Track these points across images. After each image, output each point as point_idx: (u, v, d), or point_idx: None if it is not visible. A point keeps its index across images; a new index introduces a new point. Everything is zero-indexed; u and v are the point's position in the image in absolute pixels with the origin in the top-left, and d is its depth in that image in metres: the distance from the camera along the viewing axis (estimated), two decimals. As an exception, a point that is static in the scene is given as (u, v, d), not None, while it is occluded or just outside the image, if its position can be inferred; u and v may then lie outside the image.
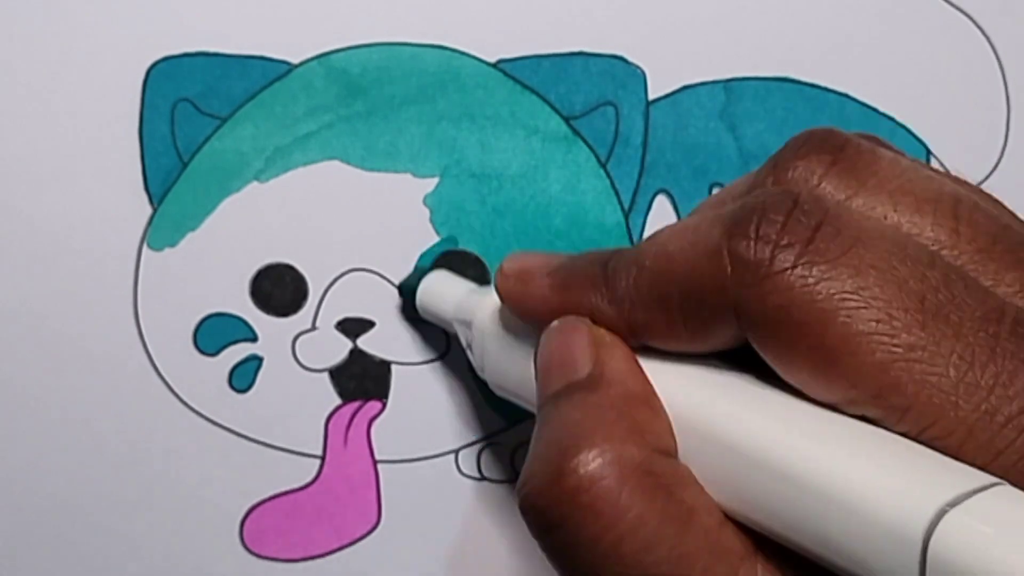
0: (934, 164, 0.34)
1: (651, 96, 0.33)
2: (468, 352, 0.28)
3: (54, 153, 0.31)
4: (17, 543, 0.31)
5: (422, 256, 0.32)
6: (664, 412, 0.21)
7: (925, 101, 0.34)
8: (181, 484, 0.31)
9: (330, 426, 0.32)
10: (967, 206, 0.21)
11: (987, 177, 0.34)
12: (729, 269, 0.20)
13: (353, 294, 0.32)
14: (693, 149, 0.33)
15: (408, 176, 0.32)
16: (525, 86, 0.32)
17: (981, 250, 0.20)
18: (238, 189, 0.31)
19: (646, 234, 0.33)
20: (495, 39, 0.32)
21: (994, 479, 0.17)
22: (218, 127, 0.31)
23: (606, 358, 0.22)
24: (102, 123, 0.31)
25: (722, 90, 0.33)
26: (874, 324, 0.18)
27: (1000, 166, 0.34)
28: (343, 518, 0.32)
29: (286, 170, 0.31)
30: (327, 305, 0.32)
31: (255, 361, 0.32)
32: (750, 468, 0.19)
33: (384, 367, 0.32)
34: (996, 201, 0.22)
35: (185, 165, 0.31)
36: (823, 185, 0.21)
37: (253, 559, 0.32)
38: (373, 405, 0.32)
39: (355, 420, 0.32)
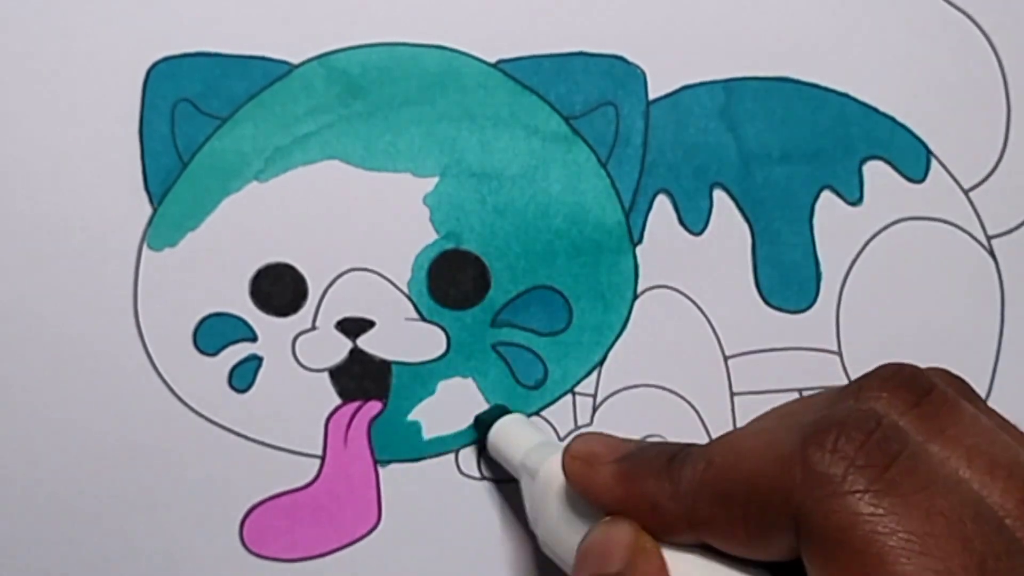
0: (934, 164, 0.34)
1: (651, 96, 0.33)
2: (526, 502, 0.28)
3: (54, 153, 0.31)
4: (17, 543, 0.31)
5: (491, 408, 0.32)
6: None
7: (925, 101, 0.34)
8: (181, 484, 0.31)
9: (330, 426, 0.32)
10: None
11: (987, 177, 0.34)
12: (800, 478, 0.20)
13: (353, 294, 0.32)
14: (693, 149, 0.33)
15: (408, 176, 0.32)
16: (525, 86, 0.32)
17: None
18: (238, 189, 0.31)
19: (647, 234, 0.33)
20: (495, 39, 0.32)
21: None
22: (218, 127, 0.31)
23: (640, 563, 0.22)
24: (102, 123, 0.31)
25: (722, 90, 0.33)
26: (931, 574, 0.18)
27: (1000, 166, 0.34)
28: (343, 518, 0.32)
29: (286, 170, 0.31)
30: (327, 305, 0.32)
31: (255, 361, 0.32)
32: None
33: (384, 367, 0.32)
34: None
35: (185, 165, 0.31)
36: (903, 422, 0.21)
37: (253, 559, 0.32)
38: (373, 405, 0.32)
39: (355, 420, 0.32)
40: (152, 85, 0.31)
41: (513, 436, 0.30)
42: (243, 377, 0.32)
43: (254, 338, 0.32)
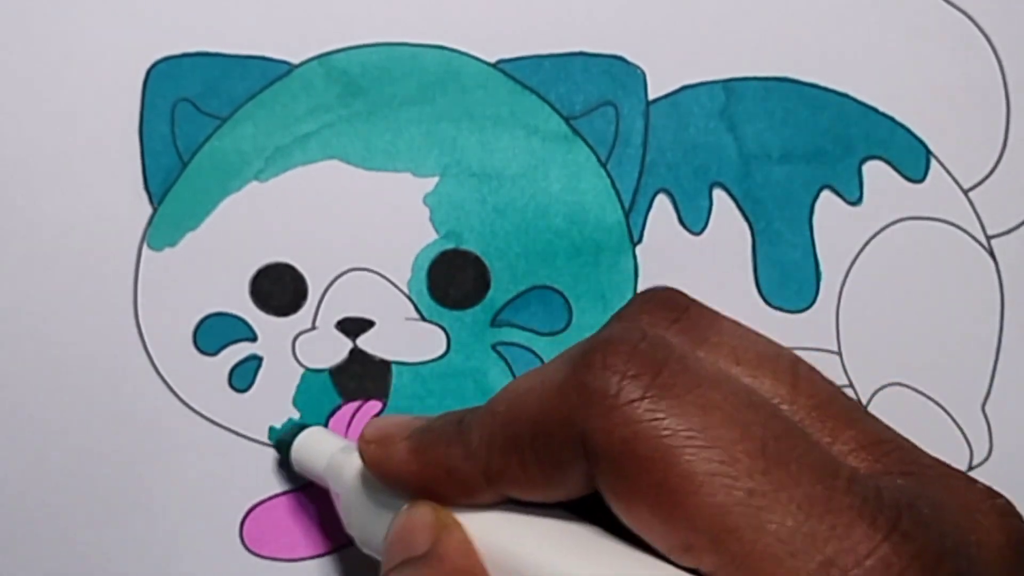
0: (934, 164, 0.34)
1: (651, 96, 0.33)
2: (337, 507, 0.28)
3: (54, 153, 0.31)
4: (17, 543, 0.31)
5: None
6: None
7: (925, 101, 0.34)
8: (181, 484, 0.31)
9: (330, 426, 0.32)
10: (805, 367, 0.21)
11: (987, 177, 0.34)
12: (576, 401, 0.20)
13: (353, 294, 0.32)
14: (693, 149, 0.33)
15: (408, 175, 0.32)
16: (525, 86, 0.32)
17: (818, 407, 0.21)
18: (238, 189, 0.31)
19: (647, 234, 0.33)
20: (495, 39, 0.32)
21: None
22: (218, 127, 0.31)
23: (443, 538, 0.22)
24: (102, 123, 0.31)
25: (722, 90, 0.33)
26: (717, 465, 0.18)
27: (1000, 166, 0.34)
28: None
29: (286, 170, 0.31)
30: (327, 305, 0.32)
31: (255, 361, 0.32)
32: None
33: (384, 367, 0.32)
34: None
35: (185, 165, 0.31)
36: (666, 335, 0.21)
37: (253, 559, 0.32)
38: (373, 405, 0.32)
39: (355, 420, 0.32)
40: (152, 85, 0.31)
41: (315, 447, 0.30)
42: (243, 377, 0.32)
43: (254, 338, 0.32)
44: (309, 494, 0.32)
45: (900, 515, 0.18)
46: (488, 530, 0.22)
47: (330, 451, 0.29)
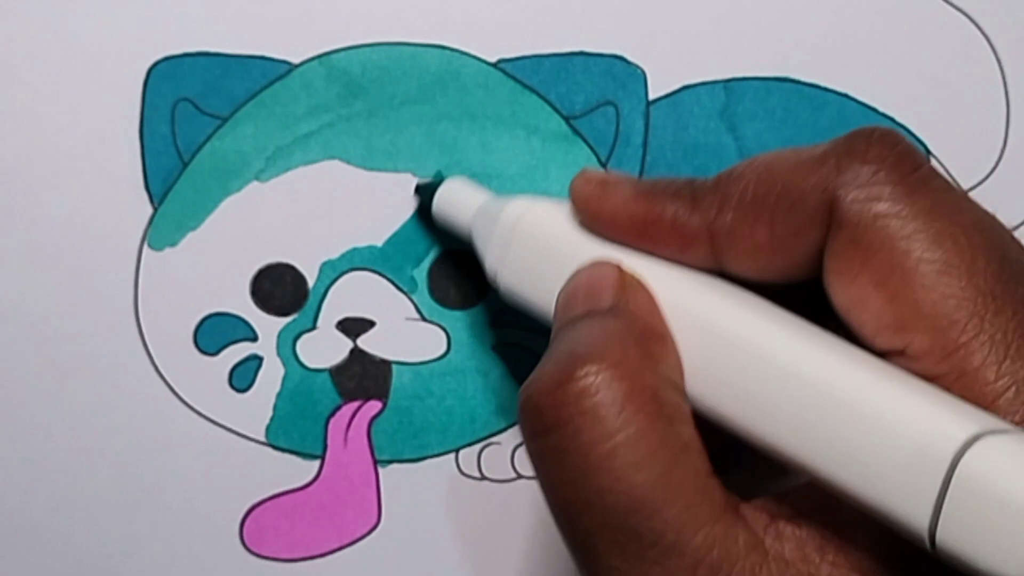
0: (933, 164, 0.34)
1: (651, 96, 0.33)
2: (481, 256, 0.28)
3: (54, 153, 0.31)
4: (17, 543, 0.31)
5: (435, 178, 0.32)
6: (677, 353, 0.22)
7: (925, 101, 0.34)
8: (181, 484, 0.31)
9: (330, 426, 0.32)
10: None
11: (987, 177, 0.34)
12: (836, 172, 0.20)
13: (353, 294, 0.32)
14: (693, 149, 0.33)
15: (409, 176, 0.32)
16: (525, 86, 0.32)
17: None
18: (238, 189, 0.31)
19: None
20: (495, 39, 0.32)
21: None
22: (219, 127, 0.31)
23: (631, 296, 0.22)
24: (102, 123, 0.31)
25: (722, 90, 0.33)
26: (958, 261, 0.19)
27: (1000, 166, 0.34)
28: (343, 518, 0.32)
29: (287, 170, 0.31)
30: (327, 305, 0.32)
31: (255, 361, 0.32)
32: (776, 379, 0.20)
33: (384, 367, 0.32)
34: None
35: (186, 165, 0.31)
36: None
37: (253, 559, 0.32)
38: (373, 405, 0.32)
39: (355, 420, 0.32)
40: (152, 85, 0.31)
41: (462, 196, 0.30)
42: (243, 377, 0.32)
43: (254, 338, 0.32)
44: (309, 494, 0.32)
45: None
46: (679, 290, 0.22)
47: (478, 200, 0.29)
